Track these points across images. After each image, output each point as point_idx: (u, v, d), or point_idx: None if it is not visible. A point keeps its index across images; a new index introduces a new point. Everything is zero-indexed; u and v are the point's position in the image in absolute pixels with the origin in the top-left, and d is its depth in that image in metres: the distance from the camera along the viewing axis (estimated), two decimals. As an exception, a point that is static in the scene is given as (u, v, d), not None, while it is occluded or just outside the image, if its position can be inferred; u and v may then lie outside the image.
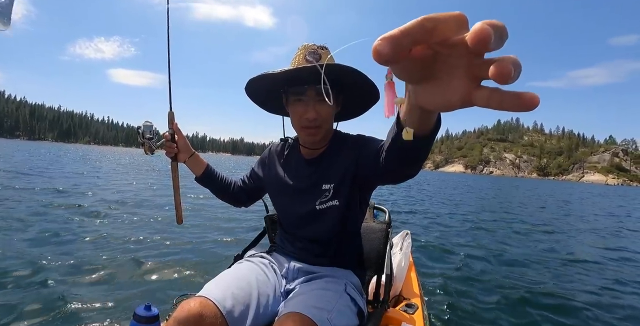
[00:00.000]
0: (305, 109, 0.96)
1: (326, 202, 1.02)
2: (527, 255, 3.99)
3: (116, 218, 4.46)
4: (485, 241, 4.67)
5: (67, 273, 2.44)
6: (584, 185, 69.31)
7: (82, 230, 3.64)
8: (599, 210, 11.74)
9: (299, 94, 0.96)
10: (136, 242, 3.37)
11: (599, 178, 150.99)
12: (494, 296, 2.56)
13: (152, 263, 2.75)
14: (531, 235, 5.41)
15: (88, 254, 2.89)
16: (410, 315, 1.25)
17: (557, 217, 8.37)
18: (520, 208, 10.01)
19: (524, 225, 6.52)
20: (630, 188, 77.64)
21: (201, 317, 0.78)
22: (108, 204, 5.45)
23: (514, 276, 3.08)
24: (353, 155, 0.99)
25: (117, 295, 2.15)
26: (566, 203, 14.02)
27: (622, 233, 6.34)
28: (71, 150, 44.09)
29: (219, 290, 0.87)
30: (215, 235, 3.87)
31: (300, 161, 1.10)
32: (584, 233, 6.11)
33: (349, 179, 1.00)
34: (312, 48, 0.98)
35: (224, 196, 1.27)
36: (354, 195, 1.03)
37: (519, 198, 14.85)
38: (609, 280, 3.17)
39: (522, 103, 0.26)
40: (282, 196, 1.13)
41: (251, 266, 1.05)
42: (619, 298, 2.70)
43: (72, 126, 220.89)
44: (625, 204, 16.00)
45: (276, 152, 1.19)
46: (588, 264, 3.72)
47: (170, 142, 1.16)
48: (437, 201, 10.35)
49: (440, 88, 0.32)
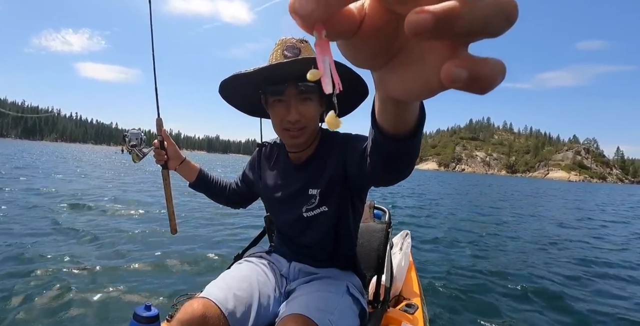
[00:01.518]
0: (287, 110, 0.88)
1: (313, 209, 0.96)
2: (527, 254, 4.00)
3: (116, 218, 4.36)
4: (485, 240, 4.70)
5: (67, 273, 2.43)
6: (548, 182, 72.98)
7: (82, 230, 3.56)
8: (560, 205, 12.39)
9: (278, 94, 0.88)
10: (136, 242, 3.32)
11: (562, 175, 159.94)
12: (494, 296, 2.57)
13: (152, 263, 2.73)
14: (530, 235, 5.42)
15: (88, 254, 2.86)
16: (410, 314, 1.24)
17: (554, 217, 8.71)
18: (512, 207, 10.17)
19: (522, 224, 6.58)
20: (590, 184, 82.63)
21: (204, 319, 0.77)
22: (105, 203, 5.31)
23: (514, 276, 3.08)
24: (340, 158, 0.92)
25: (117, 295, 2.14)
26: (535, 197, 14.72)
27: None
28: (38, 148, 41.71)
29: (220, 291, 0.86)
30: (216, 235, 3.83)
31: (289, 165, 1.03)
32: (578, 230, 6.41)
33: (337, 185, 0.93)
34: (290, 42, 0.90)
35: (219, 199, 1.24)
36: (345, 198, 0.96)
37: (502, 195, 15.38)
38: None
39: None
40: (271, 202, 1.09)
41: (252, 266, 1.03)
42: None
43: (37, 122, 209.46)
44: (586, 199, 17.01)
45: (265, 155, 1.12)
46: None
47: (160, 149, 1.11)
48: (429, 199, 10.46)
49: (414, 67, 0.22)
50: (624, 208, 13.10)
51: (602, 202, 15.90)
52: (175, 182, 1.24)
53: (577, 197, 18.74)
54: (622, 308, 2.50)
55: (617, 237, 5.79)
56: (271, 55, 0.92)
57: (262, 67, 0.84)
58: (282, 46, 0.89)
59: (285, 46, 0.89)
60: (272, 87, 0.88)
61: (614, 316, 2.33)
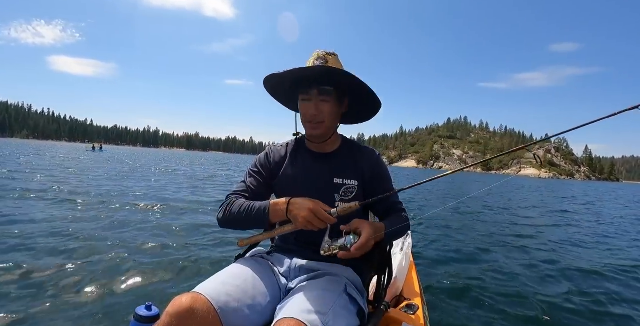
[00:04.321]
0: (309, 106, 1.08)
1: (349, 201, 1.09)
2: (526, 253, 4.06)
3: (115, 217, 4.28)
4: (484, 239, 4.76)
5: (67, 273, 2.40)
6: (520, 179, 75.66)
7: (81, 230, 3.52)
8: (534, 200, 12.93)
9: (305, 93, 1.08)
10: (137, 242, 3.28)
11: (533, 172, 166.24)
12: (494, 295, 2.57)
13: (152, 262, 2.71)
14: (528, 234, 5.52)
15: (88, 254, 2.83)
16: (410, 315, 1.27)
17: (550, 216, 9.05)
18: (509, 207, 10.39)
19: (518, 224, 6.70)
20: (558, 181, 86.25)
21: (193, 312, 0.79)
22: (103, 203, 5.21)
23: (514, 275, 3.11)
24: (364, 175, 1.14)
25: (117, 295, 2.14)
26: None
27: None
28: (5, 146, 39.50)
29: (212, 286, 0.88)
30: (217, 235, 3.81)
31: (312, 156, 1.18)
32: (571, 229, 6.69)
33: (360, 183, 1.13)
34: (320, 54, 1.09)
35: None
36: (361, 196, 1.13)
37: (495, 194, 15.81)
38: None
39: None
40: (296, 192, 1.09)
41: (249, 265, 1.05)
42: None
43: (6, 118, 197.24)
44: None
45: (279, 152, 1.21)
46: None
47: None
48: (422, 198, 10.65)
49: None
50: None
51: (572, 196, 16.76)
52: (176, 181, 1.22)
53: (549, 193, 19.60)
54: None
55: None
56: (307, 63, 1.10)
57: (292, 69, 1.02)
58: (314, 56, 1.09)
59: (317, 57, 1.08)
60: (302, 88, 1.08)
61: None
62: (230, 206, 1.08)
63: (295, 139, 1.24)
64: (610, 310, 2.48)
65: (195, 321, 0.78)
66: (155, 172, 13.92)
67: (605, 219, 8.52)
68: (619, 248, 4.83)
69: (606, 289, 2.92)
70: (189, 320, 0.78)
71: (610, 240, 5.44)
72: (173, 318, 0.78)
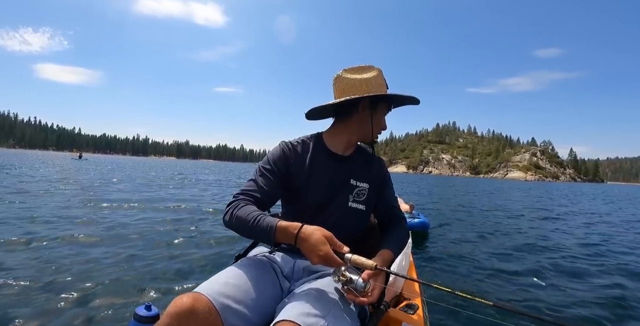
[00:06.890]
0: (385, 119, 1.22)
1: (359, 202, 1.15)
2: (525, 253, 4.07)
3: (115, 217, 4.28)
4: (484, 239, 4.79)
5: (67, 273, 2.39)
6: (507, 182, 76.67)
7: (81, 230, 3.52)
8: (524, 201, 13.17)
9: (389, 109, 1.22)
10: (137, 242, 3.28)
11: (520, 174, 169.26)
12: (494, 295, 2.58)
13: (152, 262, 2.70)
14: (527, 233, 5.56)
15: (87, 254, 2.83)
16: (410, 314, 1.28)
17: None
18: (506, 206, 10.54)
19: (515, 224, 6.77)
20: (544, 183, 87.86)
21: (193, 312, 0.78)
22: (103, 203, 5.26)
23: (514, 274, 3.11)
24: (374, 180, 1.21)
25: (117, 295, 2.13)
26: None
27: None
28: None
29: (213, 286, 0.87)
30: (217, 234, 3.80)
31: (331, 156, 1.19)
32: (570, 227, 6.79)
33: (372, 187, 1.19)
34: (382, 75, 1.18)
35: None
36: (372, 200, 1.20)
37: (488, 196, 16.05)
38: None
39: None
40: (315, 188, 1.11)
41: (251, 265, 1.03)
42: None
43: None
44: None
45: (295, 148, 1.17)
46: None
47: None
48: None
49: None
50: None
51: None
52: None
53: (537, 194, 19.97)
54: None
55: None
56: (377, 81, 1.14)
57: (405, 95, 1.16)
58: (376, 74, 1.15)
59: (381, 77, 1.16)
60: (387, 104, 1.20)
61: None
62: (236, 210, 1.03)
63: (312, 137, 1.22)
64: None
65: (196, 322, 0.78)
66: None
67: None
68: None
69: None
70: (190, 320, 0.77)
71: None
72: (174, 319, 0.77)
